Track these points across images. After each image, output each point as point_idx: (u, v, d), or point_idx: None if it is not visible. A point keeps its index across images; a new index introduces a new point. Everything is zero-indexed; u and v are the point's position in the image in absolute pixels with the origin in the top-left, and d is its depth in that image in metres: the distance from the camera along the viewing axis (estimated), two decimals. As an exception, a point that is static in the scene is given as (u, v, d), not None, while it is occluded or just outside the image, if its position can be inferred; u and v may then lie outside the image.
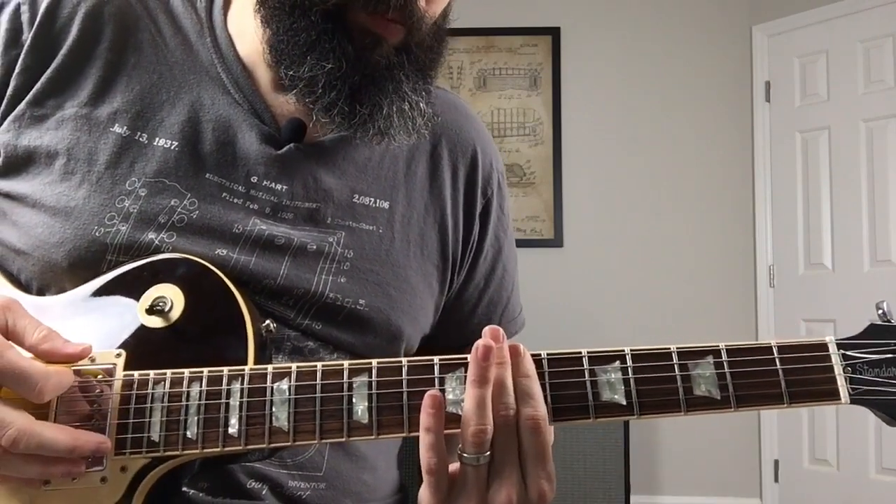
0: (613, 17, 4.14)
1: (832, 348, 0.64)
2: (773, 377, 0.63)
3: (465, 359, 0.64)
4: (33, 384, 0.60)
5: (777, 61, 3.99)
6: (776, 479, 3.87)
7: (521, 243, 3.82)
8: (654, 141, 4.08)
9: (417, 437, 0.62)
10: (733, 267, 4.02)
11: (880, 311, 0.65)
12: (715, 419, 3.87)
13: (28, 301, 0.74)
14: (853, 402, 0.63)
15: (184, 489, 0.71)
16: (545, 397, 0.63)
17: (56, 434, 0.60)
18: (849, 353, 0.64)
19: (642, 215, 4.05)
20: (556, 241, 4.06)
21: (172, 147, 0.79)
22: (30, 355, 0.64)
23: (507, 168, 4.03)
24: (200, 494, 0.73)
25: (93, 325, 0.70)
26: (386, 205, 0.86)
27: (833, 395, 0.63)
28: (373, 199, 0.85)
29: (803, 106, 3.90)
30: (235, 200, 0.79)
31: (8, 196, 0.78)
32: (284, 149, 0.81)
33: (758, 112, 4.04)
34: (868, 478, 3.53)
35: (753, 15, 4.07)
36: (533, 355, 0.64)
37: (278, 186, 0.81)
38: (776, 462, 3.88)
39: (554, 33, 4.13)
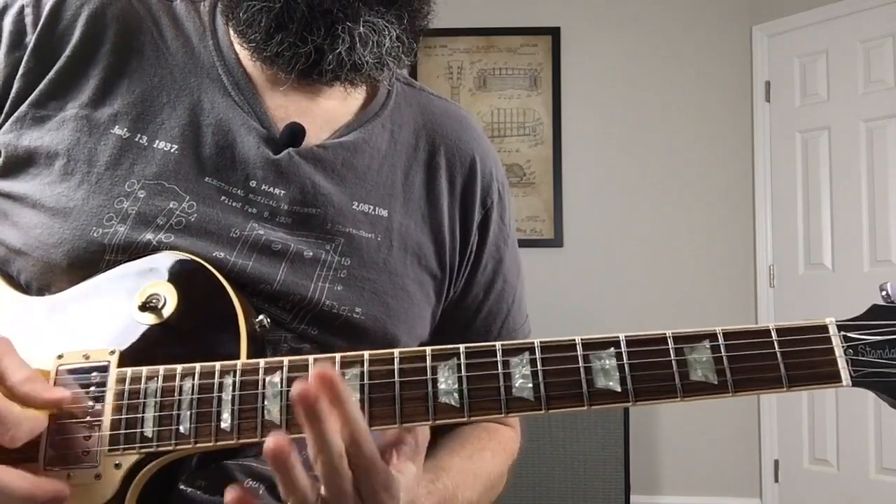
0: (613, 17, 4.14)
1: (832, 329, 0.62)
2: (772, 360, 0.62)
3: (458, 349, 0.64)
4: (5, 430, 0.59)
5: (777, 61, 3.99)
6: (776, 479, 3.87)
7: (521, 243, 3.80)
8: (654, 141, 4.07)
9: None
10: (733, 267, 4.01)
11: (884, 293, 0.63)
12: (715, 418, 3.88)
13: (25, 301, 0.75)
14: (855, 384, 0.61)
15: (181, 487, 0.71)
16: (538, 385, 0.63)
17: (16, 482, 0.60)
18: (850, 334, 0.62)
19: (642, 215, 4.05)
20: (556, 241, 4.06)
21: (172, 150, 0.79)
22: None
23: (507, 168, 4.03)
24: (198, 493, 0.73)
25: (88, 323, 0.70)
26: (384, 213, 0.85)
27: (834, 378, 0.62)
28: (371, 207, 0.85)
29: (803, 106, 3.90)
30: (234, 204, 0.79)
31: (8, 196, 0.78)
32: (282, 153, 0.81)
33: (758, 112, 4.04)
34: (868, 478, 3.53)
35: (753, 15, 4.07)
36: (525, 344, 0.64)
37: (276, 191, 0.80)
38: (776, 462, 3.88)
39: (554, 33, 4.13)
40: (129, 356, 0.67)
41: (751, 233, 4.02)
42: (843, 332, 0.62)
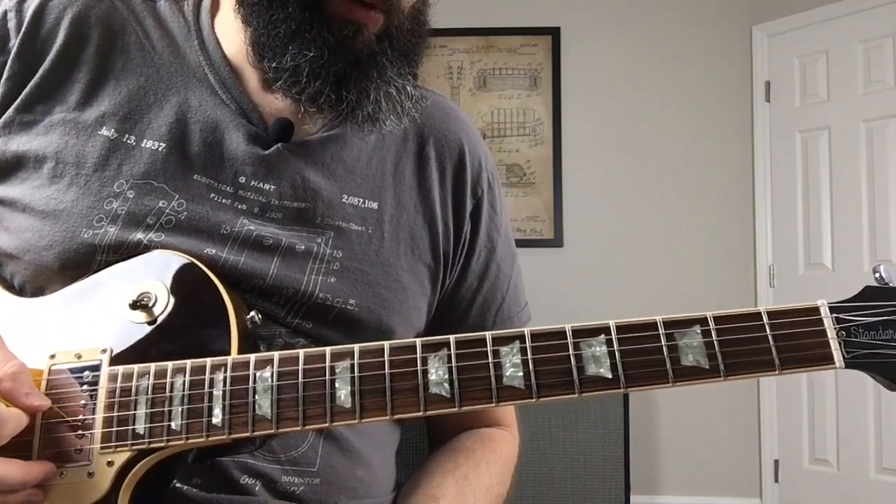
0: (613, 17, 4.14)
1: (824, 311, 0.62)
2: (764, 343, 0.62)
3: (448, 339, 0.64)
4: None
5: (777, 61, 3.99)
6: (776, 479, 3.87)
7: (521, 243, 3.82)
8: (654, 141, 4.07)
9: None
10: (733, 267, 4.01)
11: (877, 275, 0.63)
12: (715, 418, 3.87)
13: (18, 303, 0.75)
14: (848, 365, 0.61)
15: (176, 485, 0.71)
16: (528, 373, 0.63)
17: (10, 472, 0.61)
18: (842, 315, 0.62)
19: (642, 215, 4.05)
20: (556, 241, 4.05)
21: (160, 149, 0.79)
22: None
23: (507, 168, 4.06)
24: (193, 490, 0.73)
25: (80, 323, 0.71)
26: (375, 205, 0.85)
27: (827, 360, 0.61)
28: (361, 200, 0.85)
29: (803, 106, 3.89)
30: (224, 201, 0.79)
31: None
32: (272, 149, 0.81)
33: (758, 112, 4.03)
34: (868, 478, 3.53)
35: (753, 15, 4.06)
36: (515, 333, 0.65)
37: (266, 186, 0.81)
38: (776, 462, 3.88)
39: (554, 33, 4.13)
40: (122, 354, 0.67)
41: (751, 233, 4.02)
42: (835, 314, 0.62)
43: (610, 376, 0.62)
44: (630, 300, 3.97)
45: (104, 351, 0.67)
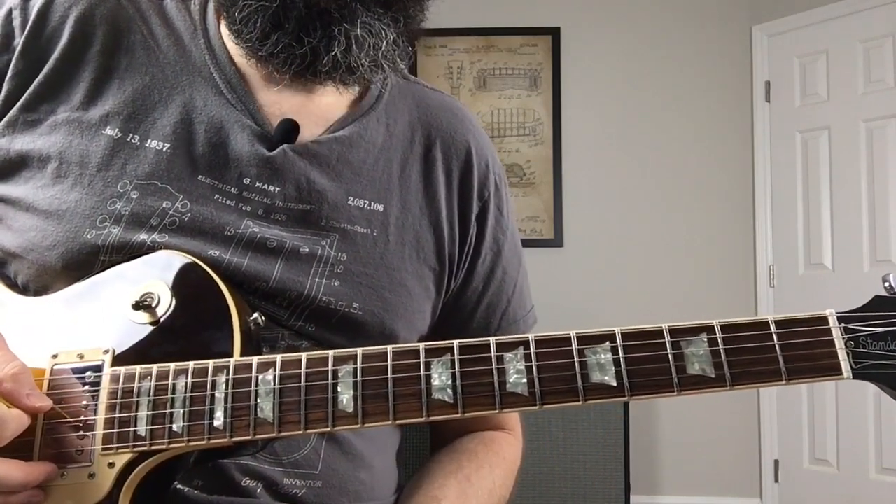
0: (613, 17, 4.14)
1: (833, 321, 0.61)
2: (771, 353, 0.61)
3: (451, 344, 0.64)
4: None
5: (777, 61, 3.99)
6: (776, 479, 3.87)
7: (521, 243, 3.81)
8: (654, 141, 4.07)
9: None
10: (733, 267, 4.01)
11: (886, 284, 0.62)
12: (715, 418, 3.87)
13: (21, 302, 0.75)
14: (856, 376, 0.60)
15: (177, 487, 0.71)
16: (532, 380, 0.62)
17: (11, 473, 0.60)
18: (851, 326, 0.61)
19: (642, 215, 4.05)
20: (556, 241, 4.05)
21: (164, 149, 0.78)
22: None
23: (507, 168, 4.05)
24: (195, 492, 0.72)
25: (83, 322, 0.70)
26: (380, 207, 0.85)
27: (834, 371, 0.60)
28: (367, 202, 0.84)
29: (803, 106, 3.90)
30: (228, 202, 0.79)
31: (2, 200, 0.78)
32: (277, 150, 0.80)
33: (758, 112, 4.03)
34: (868, 478, 3.53)
35: (753, 15, 4.07)
36: (519, 339, 0.64)
37: (271, 188, 0.80)
38: (776, 462, 3.88)
39: (554, 33, 4.13)
40: (124, 355, 0.67)
41: (751, 233, 4.02)
42: (843, 324, 0.61)
43: (615, 384, 0.62)
44: (630, 300, 3.97)
45: (106, 351, 0.67)
